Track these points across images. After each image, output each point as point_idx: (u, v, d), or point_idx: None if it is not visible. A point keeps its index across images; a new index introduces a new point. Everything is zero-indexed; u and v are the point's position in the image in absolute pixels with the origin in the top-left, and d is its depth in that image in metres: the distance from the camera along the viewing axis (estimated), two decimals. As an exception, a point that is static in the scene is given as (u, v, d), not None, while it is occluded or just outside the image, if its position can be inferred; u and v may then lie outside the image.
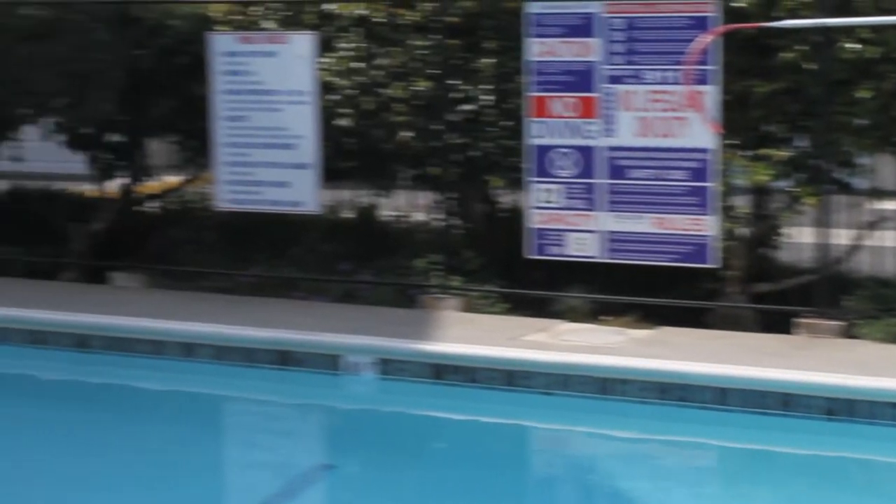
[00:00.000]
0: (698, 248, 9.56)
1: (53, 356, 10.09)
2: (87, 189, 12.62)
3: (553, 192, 9.88)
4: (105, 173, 12.06)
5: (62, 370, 10.04)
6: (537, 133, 9.89)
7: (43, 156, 12.49)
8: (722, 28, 9.21)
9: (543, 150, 9.88)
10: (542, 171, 9.88)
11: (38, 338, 10.18)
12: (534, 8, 9.82)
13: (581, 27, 9.71)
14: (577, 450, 8.79)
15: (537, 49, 9.83)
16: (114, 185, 12.12)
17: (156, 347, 9.90)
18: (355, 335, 9.59)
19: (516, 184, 10.24)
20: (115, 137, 11.85)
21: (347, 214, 11.74)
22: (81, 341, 10.08)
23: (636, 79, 9.59)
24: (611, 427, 8.80)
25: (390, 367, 9.34)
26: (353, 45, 10.52)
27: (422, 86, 10.33)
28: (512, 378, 9.06)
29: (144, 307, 10.46)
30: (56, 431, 8.75)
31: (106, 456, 8.22)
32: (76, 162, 12.48)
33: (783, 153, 9.49)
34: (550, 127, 9.84)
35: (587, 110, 9.74)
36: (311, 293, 10.76)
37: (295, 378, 9.52)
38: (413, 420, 9.10)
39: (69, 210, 12.21)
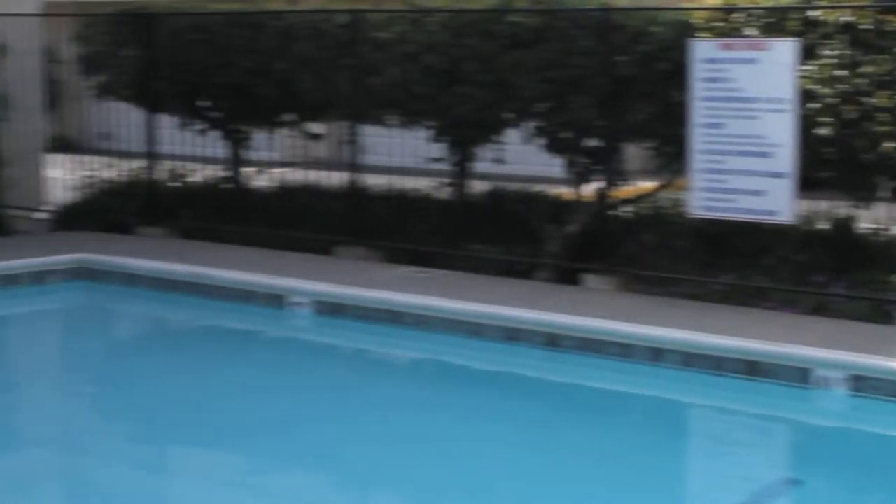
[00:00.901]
0: None
1: (525, 353, 10.37)
2: (564, 192, 12.92)
3: None
4: (582, 177, 12.29)
5: (533, 367, 10.30)
6: None
7: (523, 158, 12.84)
8: None
9: None
10: None
11: (511, 334, 10.50)
12: None
13: None
14: None
15: None
16: (589, 189, 12.34)
17: (624, 350, 10.00)
18: (827, 349, 9.36)
19: None
20: (593, 142, 12.04)
21: (822, 225, 11.47)
22: (552, 340, 10.32)
23: None
24: None
25: (863, 383, 9.06)
26: (837, 52, 10.26)
27: (908, 95, 9.97)
28: None
29: (614, 310, 10.59)
30: (520, 426, 8.99)
31: (564, 454, 8.41)
32: (554, 165, 12.78)
33: None
34: None
35: None
36: (781, 304, 10.58)
37: (762, 389, 9.39)
38: (885, 440, 8.79)
39: (546, 212, 12.53)
